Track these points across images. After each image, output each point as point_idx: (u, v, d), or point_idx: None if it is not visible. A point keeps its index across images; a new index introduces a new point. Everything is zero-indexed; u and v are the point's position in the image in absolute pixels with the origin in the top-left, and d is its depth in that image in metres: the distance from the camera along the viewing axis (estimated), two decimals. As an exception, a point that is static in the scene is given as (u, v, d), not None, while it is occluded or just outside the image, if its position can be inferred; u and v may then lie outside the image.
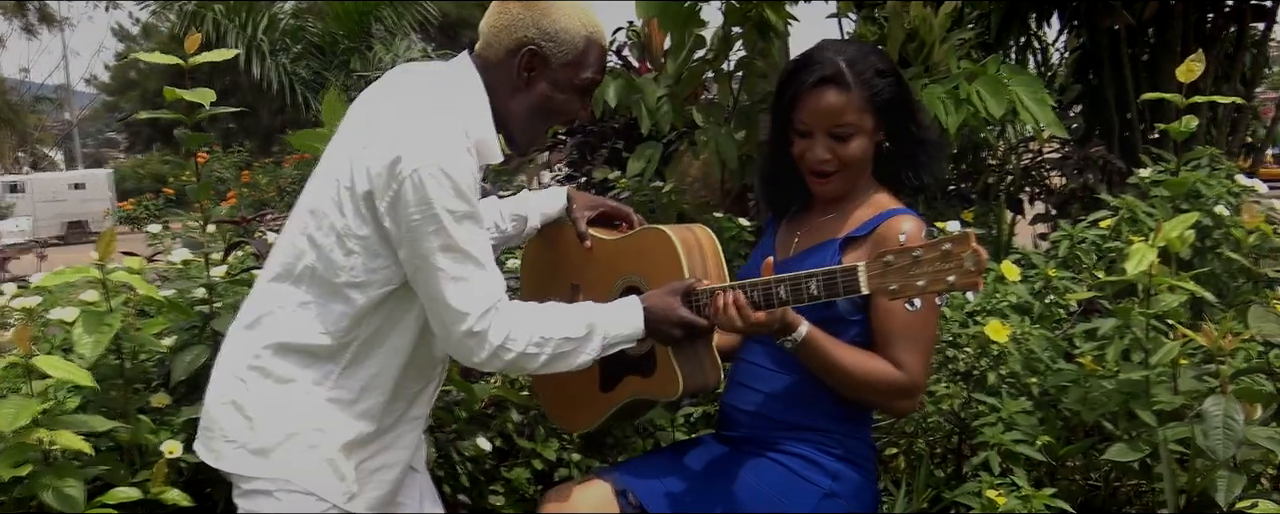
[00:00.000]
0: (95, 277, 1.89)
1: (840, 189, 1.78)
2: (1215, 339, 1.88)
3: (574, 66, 1.65)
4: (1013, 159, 4.29)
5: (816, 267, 1.69)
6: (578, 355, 1.63)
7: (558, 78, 1.64)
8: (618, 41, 4.75)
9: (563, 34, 1.62)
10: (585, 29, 1.64)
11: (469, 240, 1.53)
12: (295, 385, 1.60)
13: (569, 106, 1.68)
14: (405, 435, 1.71)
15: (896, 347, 1.68)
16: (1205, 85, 3.80)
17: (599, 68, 1.68)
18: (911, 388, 1.70)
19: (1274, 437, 1.80)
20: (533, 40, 1.62)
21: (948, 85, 3.15)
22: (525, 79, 1.64)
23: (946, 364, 2.37)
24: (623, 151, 4.27)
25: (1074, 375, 2.19)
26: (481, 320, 1.54)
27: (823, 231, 1.80)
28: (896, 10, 3.47)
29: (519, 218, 1.99)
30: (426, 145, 1.52)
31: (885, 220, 1.72)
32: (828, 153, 1.74)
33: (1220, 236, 2.62)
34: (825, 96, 1.73)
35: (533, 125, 1.69)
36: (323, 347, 1.59)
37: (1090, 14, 4.23)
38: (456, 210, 1.51)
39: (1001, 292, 2.42)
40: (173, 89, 2.03)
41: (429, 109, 1.57)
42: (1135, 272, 1.92)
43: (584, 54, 1.64)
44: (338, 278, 1.58)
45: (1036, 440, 2.12)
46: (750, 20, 3.12)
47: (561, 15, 1.63)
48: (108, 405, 2.02)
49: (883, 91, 1.73)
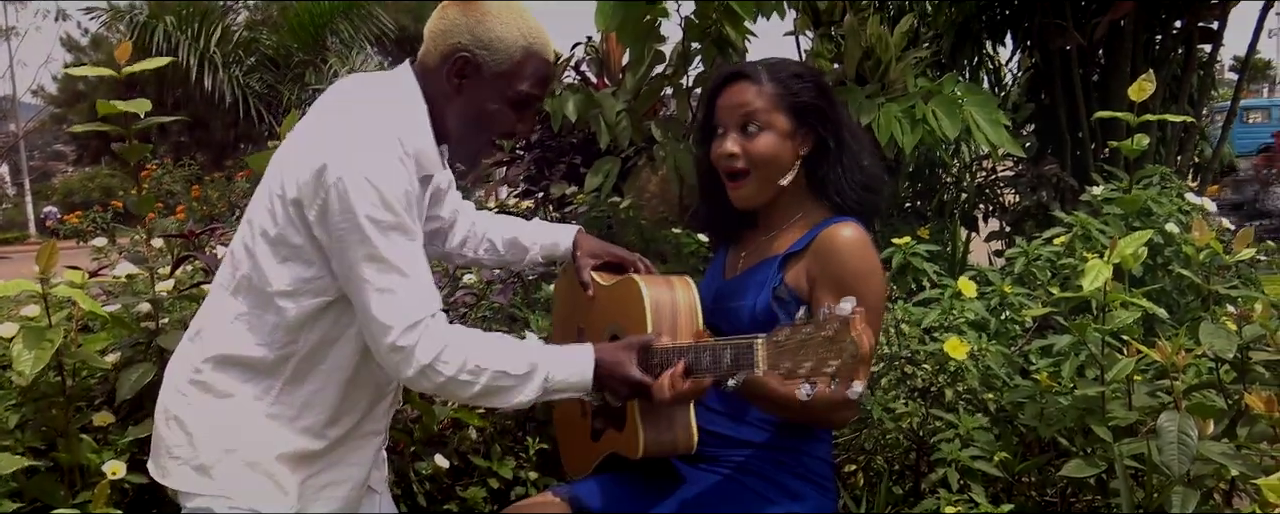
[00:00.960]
0: (35, 291, 1.83)
1: (755, 195, 1.72)
2: (1169, 355, 1.89)
3: (508, 77, 1.57)
4: (967, 177, 4.34)
5: (760, 283, 1.69)
6: (516, 393, 1.54)
7: (490, 88, 1.57)
8: (576, 56, 4.74)
9: (498, 42, 1.55)
10: (524, 39, 1.57)
11: (394, 251, 1.47)
12: (235, 400, 1.56)
13: (502, 119, 1.61)
14: (357, 451, 1.66)
15: None
16: (1154, 106, 3.86)
17: (538, 82, 1.60)
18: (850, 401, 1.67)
19: (1227, 452, 1.81)
20: (466, 47, 1.55)
21: (904, 104, 3.17)
22: (456, 86, 1.57)
23: (904, 380, 2.37)
24: (581, 167, 4.26)
25: (1030, 391, 2.20)
26: (406, 335, 1.48)
27: (763, 250, 1.76)
28: (853, 28, 3.50)
29: (517, 246, 1.95)
30: (352, 154, 1.47)
31: (821, 231, 1.67)
32: (735, 146, 1.69)
33: (1171, 254, 2.66)
34: (734, 89, 1.71)
35: (467, 136, 1.62)
36: (260, 360, 1.55)
37: (1042, 35, 4.30)
38: (381, 220, 1.46)
39: (958, 308, 2.44)
40: (107, 102, 1.99)
41: (360, 118, 1.53)
42: (1091, 288, 1.94)
43: (520, 65, 1.57)
44: (270, 287, 1.54)
45: (994, 457, 2.13)
46: (709, 36, 3.12)
47: (498, 23, 1.56)
48: (48, 424, 1.95)
49: (800, 94, 1.69)
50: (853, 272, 1.63)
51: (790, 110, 1.69)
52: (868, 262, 1.65)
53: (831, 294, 1.62)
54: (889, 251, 2.94)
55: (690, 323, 1.66)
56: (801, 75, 1.72)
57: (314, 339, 1.56)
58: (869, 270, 1.64)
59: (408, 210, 1.50)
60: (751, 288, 1.71)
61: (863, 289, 1.60)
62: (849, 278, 1.62)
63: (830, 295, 1.62)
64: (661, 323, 1.64)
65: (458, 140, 1.62)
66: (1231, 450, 1.83)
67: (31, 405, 1.91)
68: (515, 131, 1.64)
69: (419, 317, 1.48)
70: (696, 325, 1.66)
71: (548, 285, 2.92)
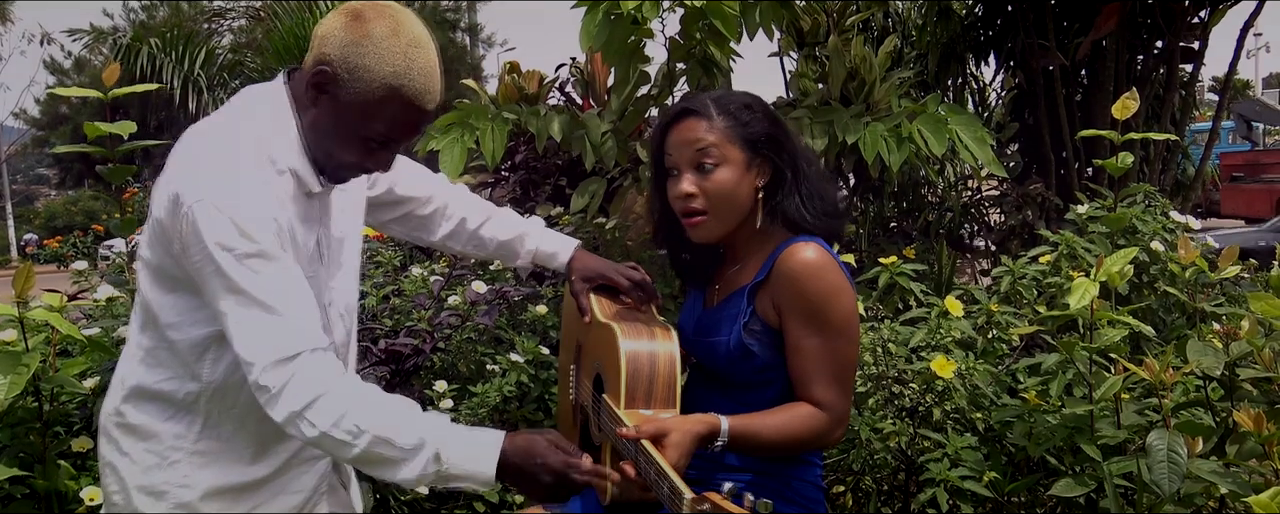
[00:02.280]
0: (11, 315, 1.80)
1: (715, 232, 1.68)
2: (1156, 373, 1.89)
3: (360, 112, 1.41)
4: (952, 196, 4.35)
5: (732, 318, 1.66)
6: (401, 469, 1.38)
7: (341, 113, 1.43)
8: (562, 78, 4.75)
9: (362, 71, 1.39)
10: (395, 80, 1.40)
11: (255, 282, 1.35)
12: (159, 440, 1.48)
13: (349, 147, 1.46)
14: (297, 479, 1.57)
15: (814, 385, 1.61)
16: (1137, 125, 3.89)
17: (397, 127, 1.44)
18: (837, 422, 1.64)
19: (1217, 470, 1.81)
20: (331, 62, 1.40)
21: (889, 124, 3.18)
22: (311, 97, 1.44)
23: (892, 400, 2.36)
24: (567, 188, 4.24)
25: (1019, 410, 2.19)
26: (268, 373, 1.34)
27: (733, 282, 1.73)
28: (837, 49, 3.52)
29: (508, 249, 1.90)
30: (203, 178, 1.37)
31: (779, 254, 1.63)
32: (692, 186, 1.64)
33: (1157, 272, 2.66)
34: (683, 127, 1.66)
35: (318, 150, 1.47)
36: (170, 395, 1.47)
37: (1025, 55, 4.34)
38: (235, 249, 1.34)
39: (945, 327, 2.43)
40: (94, 124, 1.97)
41: (217, 137, 1.44)
42: (1077, 306, 1.93)
43: (378, 104, 1.41)
44: (160, 320, 1.45)
45: (983, 476, 2.12)
46: (694, 57, 3.12)
47: (373, 53, 1.39)
48: (25, 450, 1.92)
49: (752, 124, 1.65)
50: (815, 293, 1.60)
51: (744, 142, 1.64)
52: (829, 281, 1.61)
53: (799, 321, 1.60)
54: (875, 271, 2.94)
55: (666, 392, 1.59)
56: (751, 106, 1.68)
57: (219, 373, 1.47)
58: (831, 290, 1.60)
59: (275, 235, 1.38)
60: (725, 322, 1.69)
61: (829, 311, 1.60)
62: (814, 301, 1.60)
63: (797, 323, 1.61)
64: (637, 391, 1.58)
65: (313, 153, 1.48)
66: (1221, 468, 1.82)
67: (8, 431, 1.88)
68: (365, 167, 1.50)
69: (286, 353, 1.35)
70: (674, 393, 1.60)
71: (535, 307, 2.90)
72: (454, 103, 3.42)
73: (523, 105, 3.61)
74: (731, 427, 1.56)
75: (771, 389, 1.67)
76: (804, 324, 1.61)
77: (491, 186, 4.77)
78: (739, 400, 1.67)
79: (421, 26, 1.46)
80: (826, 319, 1.60)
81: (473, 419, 2.50)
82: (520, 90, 4.51)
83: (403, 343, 2.57)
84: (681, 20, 3.02)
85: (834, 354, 1.61)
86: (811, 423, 1.61)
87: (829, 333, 1.60)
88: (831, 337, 1.60)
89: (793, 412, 1.62)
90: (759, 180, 1.67)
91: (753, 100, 1.70)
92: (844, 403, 1.65)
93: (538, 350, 2.64)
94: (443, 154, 3.17)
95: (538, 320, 2.90)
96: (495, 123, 3.26)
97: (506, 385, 2.55)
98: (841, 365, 1.63)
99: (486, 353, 2.76)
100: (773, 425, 1.60)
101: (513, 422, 2.58)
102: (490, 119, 3.26)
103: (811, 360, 1.61)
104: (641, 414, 1.56)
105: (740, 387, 1.69)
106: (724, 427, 1.56)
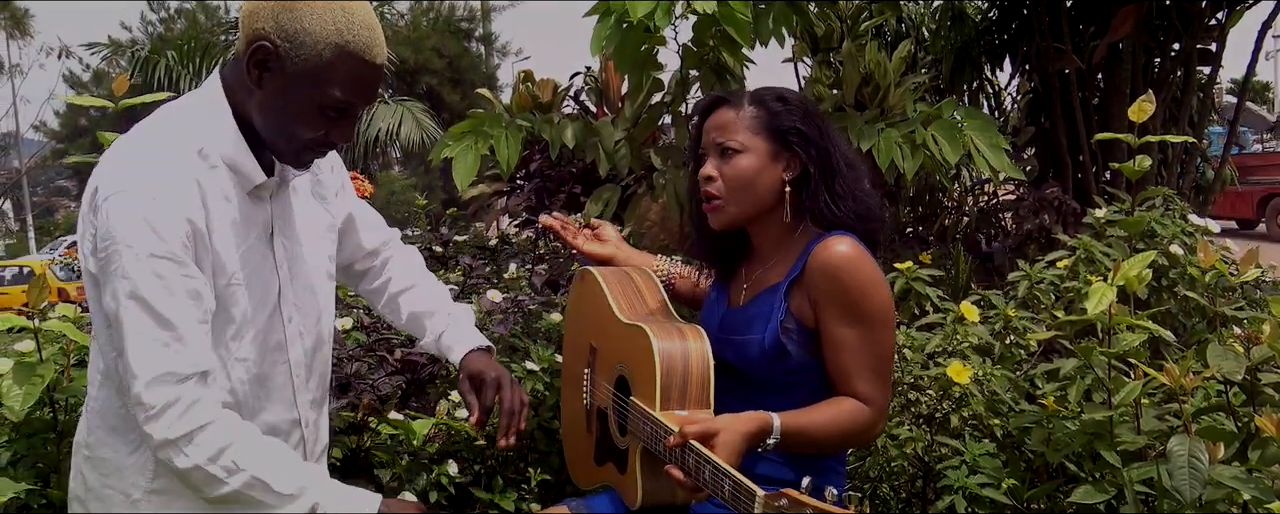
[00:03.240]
0: (26, 326, 1.81)
1: (731, 217, 1.69)
2: (1176, 378, 1.87)
3: (312, 78, 1.33)
4: (969, 201, 4.33)
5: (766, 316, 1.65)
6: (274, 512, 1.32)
7: (293, 87, 1.34)
8: (575, 85, 4.76)
9: (303, 35, 1.31)
10: (339, 37, 1.32)
11: (154, 290, 1.27)
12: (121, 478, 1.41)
13: (308, 122, 1.36)
14: None
15: (856, 380, 1.61)
16: (1154, 128, 3.86)
17: (353, 88, 1.35)
18: (879, 416, 1.64)
19: (1238, 476, 1.78)
20: (267, 34, 1.31)
21: (904, 130, 3.17)
22: (255, 78, 1.34)
23: (909, 407, 2.34)
24: (581, 195, 4.25)
25: (1037, 416, 2.17)
26: (153, 389, 1.27)
27: (765, 278, 1.72)
28: (851, 54, 3.51)
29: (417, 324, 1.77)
30: (122, 172, 1.30)
31: (813, 249, 1.63)
32: (713, 170, 1.67)
33: (1176, 276, 2.64)
34: (715, 115, 1.70)
35: (273, 137, 1.39)
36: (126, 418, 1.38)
37: (1040, 58, 4.31)
38: (142, 247, 1.26)
39: (962, 332, 2.41)
40: (105, 134, 1.98)
41: (147, 131, 1.37)
42: (1095, 311, 1.91)
43: (329, 66, 1.33)
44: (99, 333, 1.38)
45: (1001, 483, 2.10)
46: (707, 63, 3.12)
47: (308, 14, 1.31)
48: (41, 460, 1.93)
49: (781, 117, 1.66)
50: (853, 286, 1.59)
51: (771, 133, 1.66)
52: (865, 273, 1.60)
53: (836, 314, 1.60)
54: (891, 276, 2.92)
55: (700, 391, 1.59)
56: (785, 99, 1.69)
57: None
58: (868, 282, 1.60)
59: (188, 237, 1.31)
60: (758, 320, 1.67)
61: (866, 303, 1.59)
62: (851, 293, 1.59)
63: (835, 317, 1.60)
64: (671, 391, 1.57)
65: (267, 142, 1.40)
66: (1243, 474, 1.80)
67: (24, 441, 1.89)
68: (328, 140, 1.41)
69: (175, 372, 1.28)
70: (708, 391, 1.60)
71: (550, 315, 2.90)
72: (468, 112, 3.43)
73: (537, 114, 3.62)
74: (784, 424, 1.54)
75: (800, 391, 1.66)
76: (842, 317, 1.60)
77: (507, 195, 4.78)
78: (764, 404, 1.62)
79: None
80: (865, 311, 1.59)
81: (489, 428, 2.50)
82: (534, 99, 4.53)
83: (418, 353, 2.56)
84: (694, 27, 3.02)
85: (873, 347, 1.61)
86: (858, 417, 1.60)
87: (868, 325, 1.59)
88: (870, 329, 1.60)
89: (840, 406, 1.61)
90: (787, 173, 1.68)
91: (791, 95, 1.71)
92: (884, 396, 1.64)
93: (553, 359, 2.63)
94: (456, 162, 3.18)
95: (553, 328, 2.89)
96: (509, 130, 3.27)
97: (521, 394, 2.54)
98: (881, 358, 1.62)
99: (501, 362, 2.76)
100: (822, 421, 1.59)
101: (529, 430, 2.57)
102: (504, 127, 3.27)
103: (851, 354, 1.61)
104: (678, 415, 1.55)
105: (768, 389, 1.67)
106: (776, 424, 1.53)
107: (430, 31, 18.35)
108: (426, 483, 2.31)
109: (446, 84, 18.41)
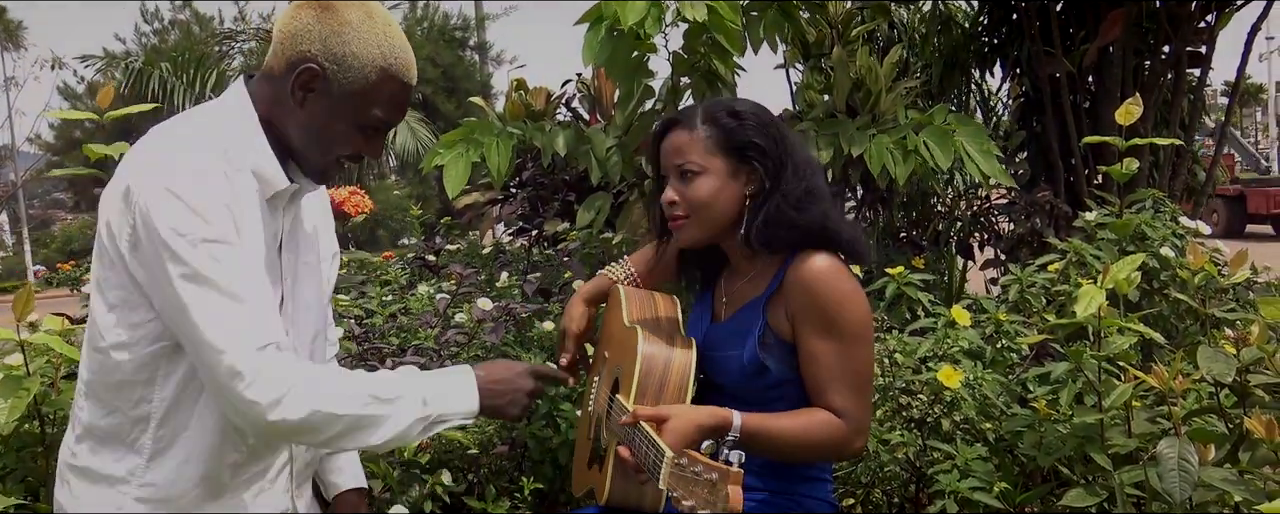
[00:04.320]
0: (13, 339, 1.81)
1: (697, 236, 1.68)
2: (1166, 380, 1.87)
3: (359, 99, 1.40)
4: (961, 205, 4.34)
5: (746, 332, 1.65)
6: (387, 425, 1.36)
7: (337, 107, 1.41)
8: (568, 93, 4.76)
9: (351, 59, 1.39)
10: (383, 59, 1.40)
11: (216, 269, 1.30)
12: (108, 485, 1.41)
13: (348, 140, 1.44)
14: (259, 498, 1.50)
15: (831, 393, 1.60)
16: (1145, 130, 3.87)
17: (393, 108, 1.44)
18: (857, 432, 1.62)
19: (1229, 478, 1.78)
20: (314, 58, 1.38)
21: (895, 135, 3.18)
22: (299, 98, 1.40)
23: (900, 411, 2.34)
24: (574, 203, 4.25)
25: (1028, 420, 2.17)
26: (245, 360, 1.29)
27: (744, 294, 1.72)
28: (842, 60, 3.51)
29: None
30: (154, 171, 1.33)
31: (790, 265, 1.63)
32: (675, 194, 1.66)
33: (1167, 278, 2.64)
34: (670, 138, 1.69)
35: (308, 151, 1.45)
36: (117, 429, 1.40)
37: (1031, 62, 4.32)
38: (189, 233, 1.29)
39: (953, 337, 2.41)
40: (91, 147, 1.98)
41: (168, 138, 1.40)
42: (1084, 314, 1.92)
43: (374, 89, 1.40)
44: (103, 341, 1.39)
45: (993, 487, 2.10)
46: (698, 71, 3.12)
47: (356, 37, 1.39)
48: (30, 474, 1.92)
49: (735, 133, 1.64)
50: (828, 300, 1.59)
51: (728, 150, 1.65)
52: (841, 288, 1.60)
53: (813, 328, 1.59)
54: (882, 281, 2.92)
55: (676, 395, 1.60)
56: (738, 113, 1.67)
57: (167, 398, 1.40)
58: (844, 296, 1.60)
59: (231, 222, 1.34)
60: (738, 337, 1.68)
61: (842, 318, 1.58)
62: (827, 307, 1.59)
63: (812, 331, 1.60)
64: (648, 388, 1.59)
65: (299, 155, 1.46)
66: (1233, 476, 1.80)
67: (13, 455, 1.88)
68: (362, 155, 1.48)
69: (259, 342, 1.31)
70: (685, 394, 1.60)
71: (542, 323, 2.90)
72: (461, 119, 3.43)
73: (529, 122, 3.62)
74: (745, 422, 1.54)
75: (781, 405, 1.65)
76: (818, 331, 1.59)
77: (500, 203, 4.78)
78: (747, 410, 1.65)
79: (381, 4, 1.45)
80: (841, 325, 1.59)
81: (480, 436, 2.50)
82: (527, 107, 4.52)
83: (410, 361, 2.56)
84: (685, 34, 3.02)
85: (849, 361, 1.60)
86: (830, 430, 1.59)
87: (844, 339, 1.59)
88: (847, 343, 1.59)
89: (811, 417, 1.60)
90: (748, 187, 1.66)
91: (746, 108, 1.69)
92: (862, 411, 1.63)
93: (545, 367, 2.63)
94: (447, 170, 3.18)
95: (545, 337, 2.89)
96: (501, 138, 3.27)
97: (513, 402, 2.54)
98: (857, 373, 1.61)
99: (494, 370, 2.75)
100: (790, 427, 1.58)
101: (522, 439, 2.57)
102: (495, 135, 3.27)
103: (826, 368, 1.60)
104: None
105: (750, 404, 1.66)
106: (737, 422, 1.53)
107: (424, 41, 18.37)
108: (420, 494, 2.30)
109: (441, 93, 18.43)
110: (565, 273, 3.41)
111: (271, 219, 1.45)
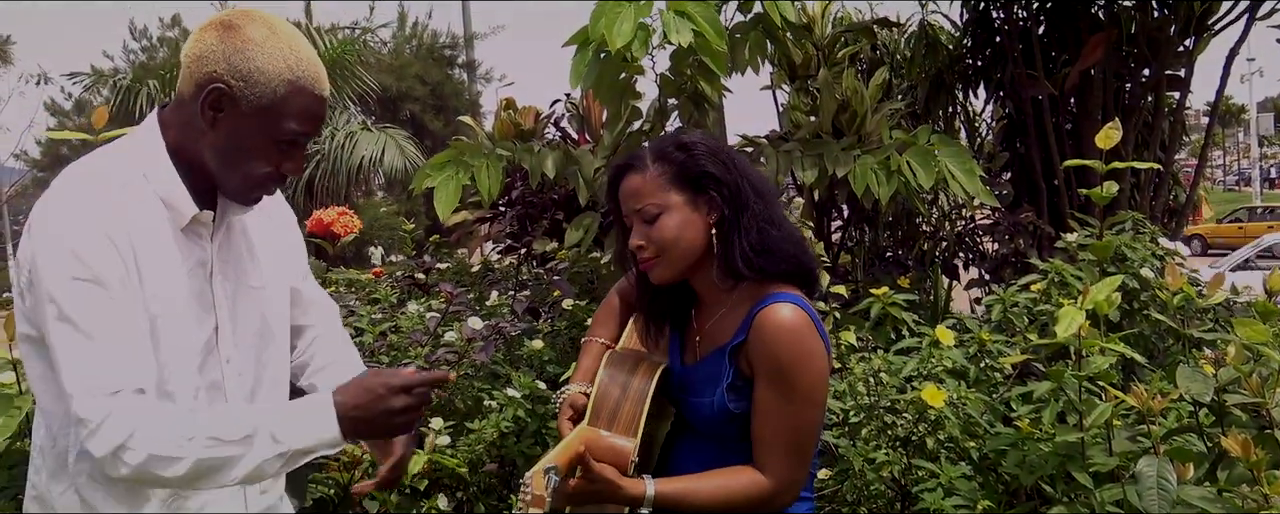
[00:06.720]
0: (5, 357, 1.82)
1: (669, 274, 1.67)
2: (1146, 400, 1.90)
3: (270, 114, 1.39)
4: (947, 226, 4.38)
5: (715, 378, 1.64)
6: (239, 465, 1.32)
7: (249, 124, 1.39)
8: (556, 113, 4.79)
9: (257, 74, 1.37)
10: (290, 73, 1.39)
11: (82, 312, 1.29)
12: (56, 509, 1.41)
13: (265, 157, 1.42)
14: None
15: (766, 450, 1.60)
16: (1126, 152, 3.93)
17: (306, 120, 1.42)
18: (781, 492, 1.61)
19: (1207, 496, 1.81)
20: (221, 77, 1.37)
21: (879, 156, 3.22)
22: (210, 119, 1.39)
23: (885, 430, 2.37)
24: (563, 222, 4.27)
25: (1012, 439, 2.20)
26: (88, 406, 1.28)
27: (713, 336, 1.71)
28: (828, 82, 3.56)
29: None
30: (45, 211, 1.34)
31: (757, 314, 1.61)
32: (640, 238, 1.65)
33: (1146, 299, 2.68)
34: (625, 182, 1.68)
35: (225, 173, 1.43)
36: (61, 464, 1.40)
37: (1014, 85, 4.38)
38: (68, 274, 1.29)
39: (937, 356, 2.44)
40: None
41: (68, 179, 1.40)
42: (1065, 334, 1.95)
43: (283, 102, 1.39)
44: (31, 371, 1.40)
45: (977, 505, 2.13)
46: (685, 92, 3.16)
47: (260, 54, 1.38)
48: (21, 492, 1.93)
49: (689, 165, 1.63)
50: (786, 359, 1.58)
51: (683, 183, 1.64)
52: (801, 346, 1.58)
53: (766, 382, 1.59)
54: (867, 302, 2.95)
55: (629, 422, 1.61)
56: (687, 145, 1.66)
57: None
58: (802, 355, 1.58)
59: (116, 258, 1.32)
60: (708, 383, 1.67)
61: (797, 378, 1.57)
62: (783, 366, 1.58)
63: (765, 382, 1.59)
64: (601, 412, 1.61)
65: (217, 178, 1.44)
66: (1212, 494, 1.82)
67: (5, 473, 1.89)
68: (281, 172, 1.46)
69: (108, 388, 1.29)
70: (634, 427, 1.60)
71: (531, 342, 2.92)
72: (450, 140, 3.46)
73: (518, 142, 3.64)
74: (659, 492, 1.55)
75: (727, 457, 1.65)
76: (771, 385, 1.59)
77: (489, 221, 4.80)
78: (722, 452, 1.64)
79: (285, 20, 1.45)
80: (793, 386, 1.58)
81: (470, 455, 2.51)
82: (516, 126, 4.55)
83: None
84: (671, 57, 3.06)
85: (793, 420, 1.59)
86: (752, 491, 1.59)
87: (793, 400, 1.58)
88: (795, 404, 1.58)
89: (734, 478, 1.60)
90: (711, 216, 1.65)
91: (693, 139, 1.68)
92: (796, 473, 1.62)
93: (534, 385, 2.65)
94: (438, 191, 3.20)
95: (534, 355, 2.91)
96: (490, 159, 3.29)
97: (504, 421, 2.56)
98: (798, 433, 1.61)
99: (483, 389, 2.77)
100: (707, 490, 1.59)
101: (511, 457, 2.58)
102: (485, 156, 3.30)
103: (769, 425, 1.59)
104: (601, 434, 1.58)
105: (724, 443, 1.66)
106: (650, 493, 1.54)
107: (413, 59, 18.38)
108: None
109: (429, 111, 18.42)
110: (554, 292, 3.43)
111: (194, 247, 1.45)
